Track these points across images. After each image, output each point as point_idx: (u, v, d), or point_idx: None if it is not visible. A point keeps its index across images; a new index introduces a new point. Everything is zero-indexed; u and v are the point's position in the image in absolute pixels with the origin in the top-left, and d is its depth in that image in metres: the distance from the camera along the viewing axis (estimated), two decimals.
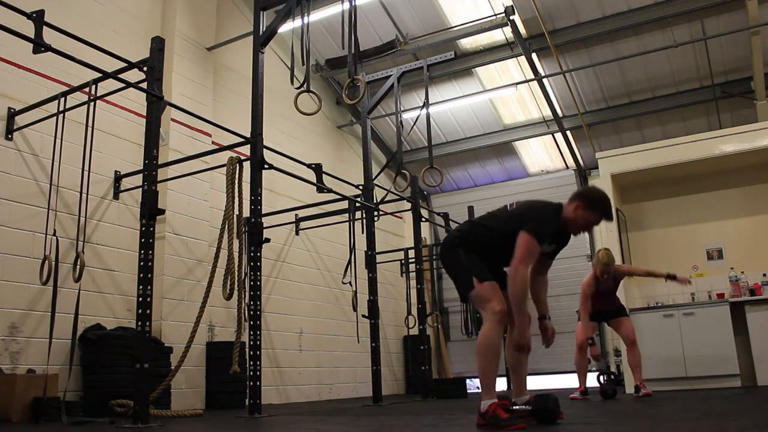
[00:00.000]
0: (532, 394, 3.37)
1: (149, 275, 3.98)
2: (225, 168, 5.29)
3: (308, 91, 5.33)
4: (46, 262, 4.55)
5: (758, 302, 6.78)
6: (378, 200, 7.49)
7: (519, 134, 9.85)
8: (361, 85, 5.36)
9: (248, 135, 5.23)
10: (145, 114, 4.39)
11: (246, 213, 5.29)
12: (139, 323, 3.87)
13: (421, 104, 7.97)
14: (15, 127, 5.06)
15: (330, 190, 6.20)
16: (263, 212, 5.13)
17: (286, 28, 5.89)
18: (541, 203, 3.42)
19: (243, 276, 5.34)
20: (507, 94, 9.19)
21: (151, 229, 4.07)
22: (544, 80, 8.67)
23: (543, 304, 3.48)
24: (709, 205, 7.77)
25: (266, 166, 5.16)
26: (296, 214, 7.94)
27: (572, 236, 3.44)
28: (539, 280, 3.48)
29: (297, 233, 8.14)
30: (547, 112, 9.22)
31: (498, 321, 3.12)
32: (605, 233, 7.83)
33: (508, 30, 7.98)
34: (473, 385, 9.59)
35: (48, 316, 4.45)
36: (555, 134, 9.69)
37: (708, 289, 7.58)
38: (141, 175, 4.39)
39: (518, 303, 3.14)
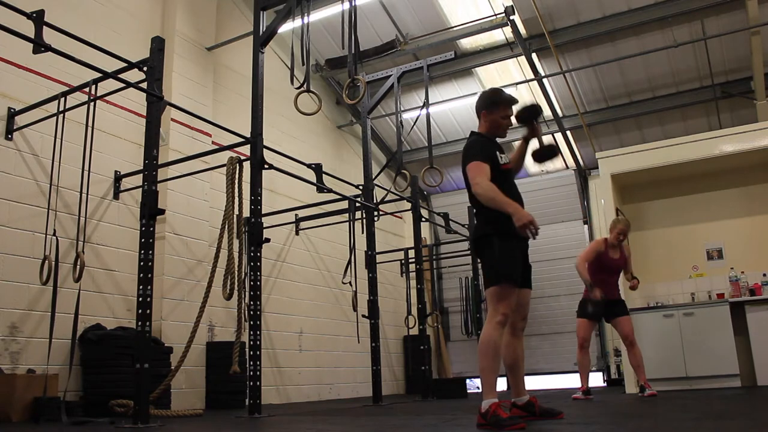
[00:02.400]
0: (533, 395, 3.38)
1: (149, 275, 3.98)
2: (225, 168, 5.30)
3: (308, 91, 5.33)
4: (46, 262, 4.55)
5: (758, 302, 6.78)
6: (378, 200, 7.49)
7: (519, 134, 9.81)
8: (361, 85, 5.37)
9: (248, 135, 5.23)
10: (145, 114, 4.39)
11: (246, 213, 5.29)
12: (139, 323, 3.87)
13: (421, 104, 7.97)
14: (15, 127, 5.06)
15: (330, 190, 6.20)
16: (263, 212, 5.13)
17: (286, 28, 5.89)
18: (468, 141, 3.57)
19: (243, 276, 5.34)
20: None
21: (151, 229, 4.07)
22: (544, 80, 8.67)
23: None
24: (709, 205, 7.76)
25: (266, 166, 5.15)
26: (296, 214, 7.94)
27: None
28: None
29: (297, 233, 8.14)
30: (547, 112, 9.21)
31: (501, 322, 3.16)
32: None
33: (508, 30, 7.98)
34: (473, 385, 9.59)
35: (48, 316, 4.45)
36: (555, 134, 9.68)
37: (708, 289, 7.57)
38: (141, 175, 4.39)
39: (493, 197, 3.22)
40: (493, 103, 3.53)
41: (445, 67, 8.58)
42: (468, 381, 8.99)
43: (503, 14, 7.60)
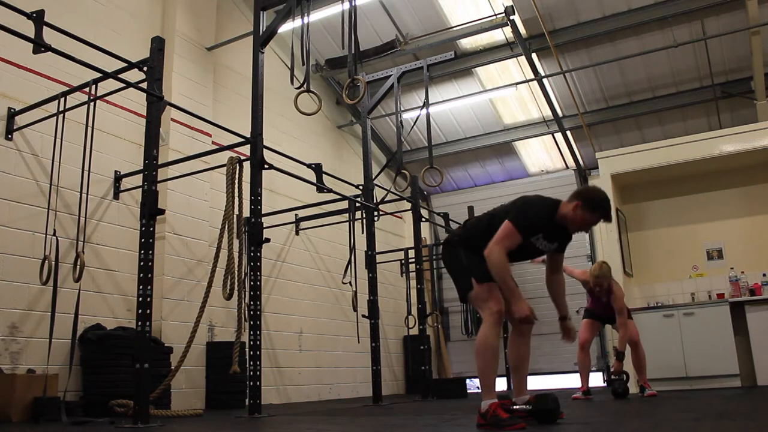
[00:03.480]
0: (532, 395, 3.38)
1: (149, 275, 3.98)
2: (225, 168, 5.29)
3: (308, 91, 5.33)
4: (46, 262, 4.55)
5: (758, 302, 6.78)
6: (378, 200, 7.49)
7: (519, 134, 9.85)
8: (361, 85, 5.36)
9: (248, 135, 5.23)
10: (145, 114, 4.39)
11: (246, 213, 5.29)
12: (139, 323, 3.87)
13: (421, 104, 7.97)
14: (15, 127, 5.06)
15: (330, 190, 6.20)
16: (263, 212, 5.13)
17: (286, 28, 5.88)
18: (537, 199, 3.38)
19: (243, 276, 5.34)
20: (507, 94, 9.19)
21: (151, 229, 4.07)
22: (544, 80, 8.66)
23: (562, 305, 3.46)
24: (709, 205, 7.77)
25: (266, 166, 5.15)
26: (296, 214, 7.94)
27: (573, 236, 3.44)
28: (554, 279, 3.48)
29: (297, 233, 8.14)
30: (547, 112, 9.22)
31: (495, 321, 3.13)
32: (605, 233, 7.84)
33: (508, 30, 7.98)
34: (473, 385, 9.58)
35: (48, 316, 4.45)
36: (555, 134, 9.69)
37: (708, 289, 7.58)
38: (141, 175, 4.38)
39: (500, 277, 3.11)
40: (596, 208, 3.25)
41: (445, 67, 8.58)
42: (468, 381, 8.99)
43: (503, 14, 7.59)
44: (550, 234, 3.31)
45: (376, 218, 7.00)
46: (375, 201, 7.07)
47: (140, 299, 3.92)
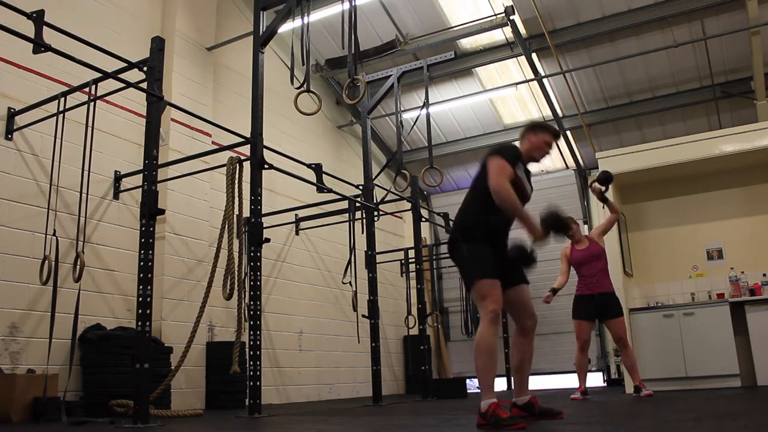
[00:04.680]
0: (533, 395, 3.38)
1: (149, 275, 3.98)
2: (225, 168, 5.29)
3: (308, 91, 5.33)
4: (46, 262, 4.55)
5: (758, 302, 6.77)
6: (378, 200, 7.49)
7: (519, 134, 9.83)
8: (361, 85, 5.37)
9: (248, 135, 5.23)
10: (145, 114, 4.39)
11: (246, 213, 5.29)
12: (139, 323, 3.87)
13: (421, 104, 7.97)
14: (15, 127, 5.06)
15: (330, 190, 6.20)
16: (263, 212, 5.13)
17: (286, 28, 5.89)
18: (502, 144, 3.69)
19: (243, 276, 5.34)
20: (507, 94, 9.20)
21: (151, 229, 4.07)
22: (544, 80, 8.67)
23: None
24: (709, 205, 7.76)
25: (266, 166, 5.15)
26: (296, 214, 7.94)
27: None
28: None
29: (297, 233, 8.14)
30: (547, 112, 9.22)
31: (492, 319, 3.14)
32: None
33: (508, 30, 7.98)
34: (473, 385, 9.58)
35: (48, 316, 4.45)
36: None
37: (708, 289, 7.57)
38: (141, 175, 4.38)
39: (511, 206, 3.22)
40: (542, 128, 3.65)
41: (445, 67, 8.58)
42: (468, 381, 8.99)
43: (503, 14, 7.60)
44: (526, 173, 3.53)
45: (376, 218, 7.00)
46: (375, 201, 7.07)
47: (140, 299, 3.92)
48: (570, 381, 9.02)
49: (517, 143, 3.64)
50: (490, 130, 9.93)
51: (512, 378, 3.52)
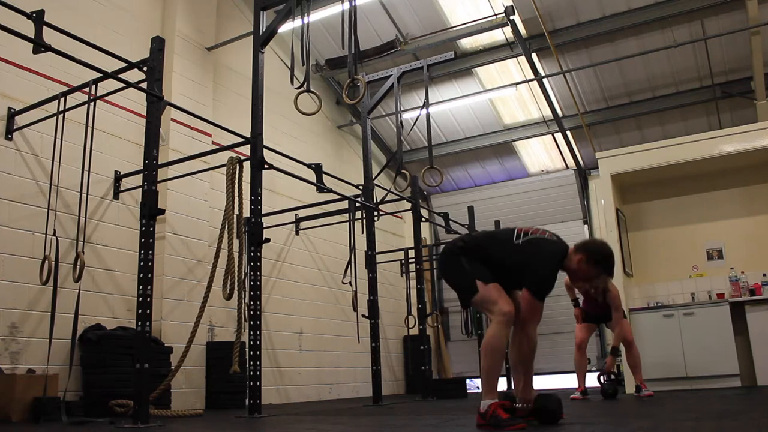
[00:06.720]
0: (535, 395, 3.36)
1: (149, 275, 3.98)
2: (225, 168, 5.29)
3: (308, 91, 5.32)
4: (46, 262, 4.55)
5: (758, 302, 6.78)
6: (378, 200, 7.49)
7: (519, 134, 9.85)
8: (361, 85, 5.36)
9: (248, 135, 5.23)
10: (145, 114, 4.39)
11: (246, 213, 5.29)
12: (139, 323, 3.87)
13: (421, 104, 7.96)
14: (15, 127, 5.06)
15: (330, 190, 6.20)
16: (263, 212, 5.12)
17: (286, 28, 5.88)
18: (548, 249, 3.21)
19: (243, 276, 5.34)
20: (507, 94, 9.19)
21: (151, 229, 4.07)
22: (544, 80, 8.67)
23: (528, 382, 3.32)
24: (709, 205, 7.76)
25: (266, 166, 5.15)
26: (296, 214, 7.94)
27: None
28: (523, 336, 3.35)
29: (297, 233, 8.14)
30: (547, 112, 9.22)
31: (506, 322, 3.05)
32: (605, 234, 7.83)
33: (508, 30, 7.98)
34: (473, 385, 9.59)
35: (48, 316, 4.45)
36: (555, 134, 9.69)
37: (708, 289, 7.57)
38: (141, 175, 4.39)
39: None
40: (599, 263, 3.18)
41: (445, 67, 8.58)
42: (468, 381, 9.00)
43: (503, 14, 7.60)
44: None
45: (376, 218, 7.00)
46: (375, 201, 7.07)
47: (140, 299, 3.92)
48: (570, 381, 9.02)
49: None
50: (490, 130, 9.93)
51: (514, 378, 3.50)
